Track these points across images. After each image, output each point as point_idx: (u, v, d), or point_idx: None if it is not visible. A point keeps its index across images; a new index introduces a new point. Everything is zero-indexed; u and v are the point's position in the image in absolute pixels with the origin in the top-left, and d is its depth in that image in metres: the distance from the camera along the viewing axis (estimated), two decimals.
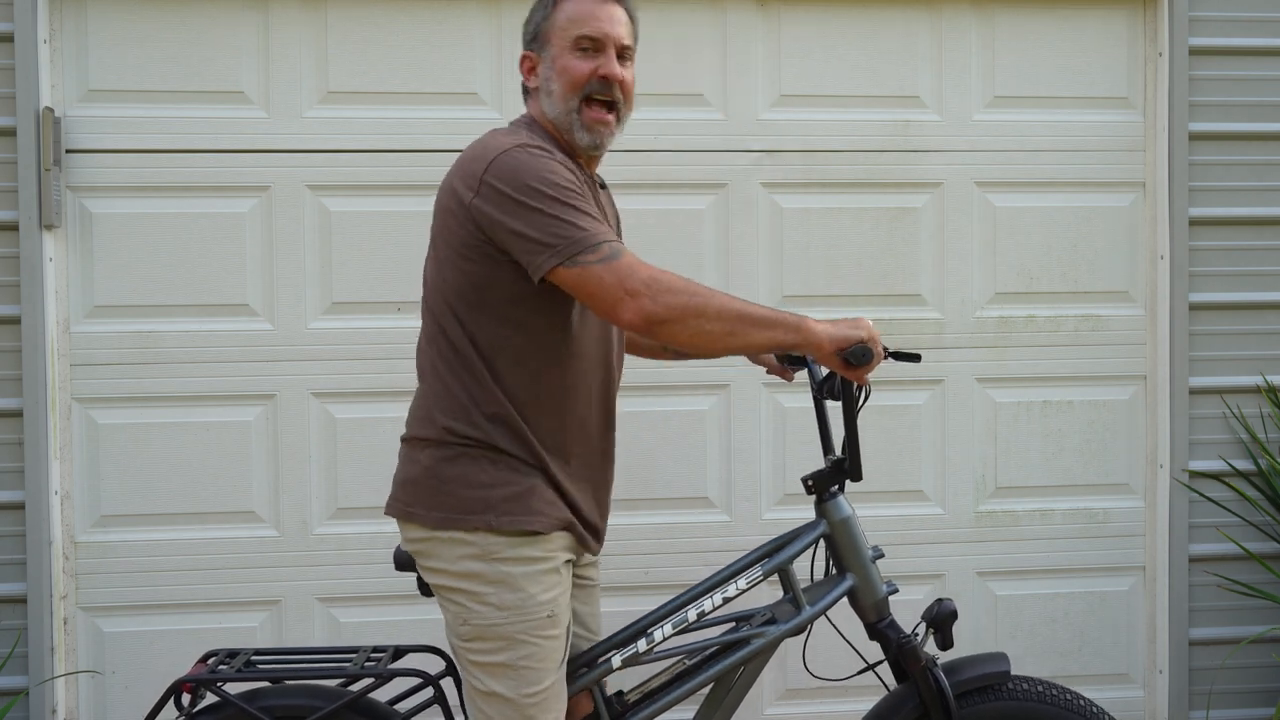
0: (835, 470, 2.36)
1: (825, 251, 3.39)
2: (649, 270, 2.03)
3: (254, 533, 3.24)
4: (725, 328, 2.05)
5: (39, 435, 3.10)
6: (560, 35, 2.18)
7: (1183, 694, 3.44)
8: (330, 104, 3.24)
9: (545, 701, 2.10)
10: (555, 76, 2.18)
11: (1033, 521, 3.47)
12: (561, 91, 2.18)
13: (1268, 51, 3.43)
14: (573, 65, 2.17)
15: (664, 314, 2.02)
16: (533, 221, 2.01)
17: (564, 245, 2.01)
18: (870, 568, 2.35)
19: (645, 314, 2.01)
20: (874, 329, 2.14)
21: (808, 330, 2.09)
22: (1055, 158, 3.44)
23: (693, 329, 2.04)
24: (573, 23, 2.18)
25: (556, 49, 2.19)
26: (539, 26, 2.22)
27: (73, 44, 3.17)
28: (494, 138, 2.14)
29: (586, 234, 2.02)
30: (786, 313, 2.11)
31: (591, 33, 2.17)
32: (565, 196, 2.03)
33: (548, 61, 2.20)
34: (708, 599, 2.33)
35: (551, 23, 2.20)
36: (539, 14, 2.23)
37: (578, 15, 2.18)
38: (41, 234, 3.11)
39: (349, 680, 2.42)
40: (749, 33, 3.36)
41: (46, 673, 3.11)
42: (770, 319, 2.08)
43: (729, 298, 2.08)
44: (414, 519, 2.14)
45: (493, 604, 2.09)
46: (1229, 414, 3.44)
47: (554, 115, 2.19)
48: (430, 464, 2.13)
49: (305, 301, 3.24)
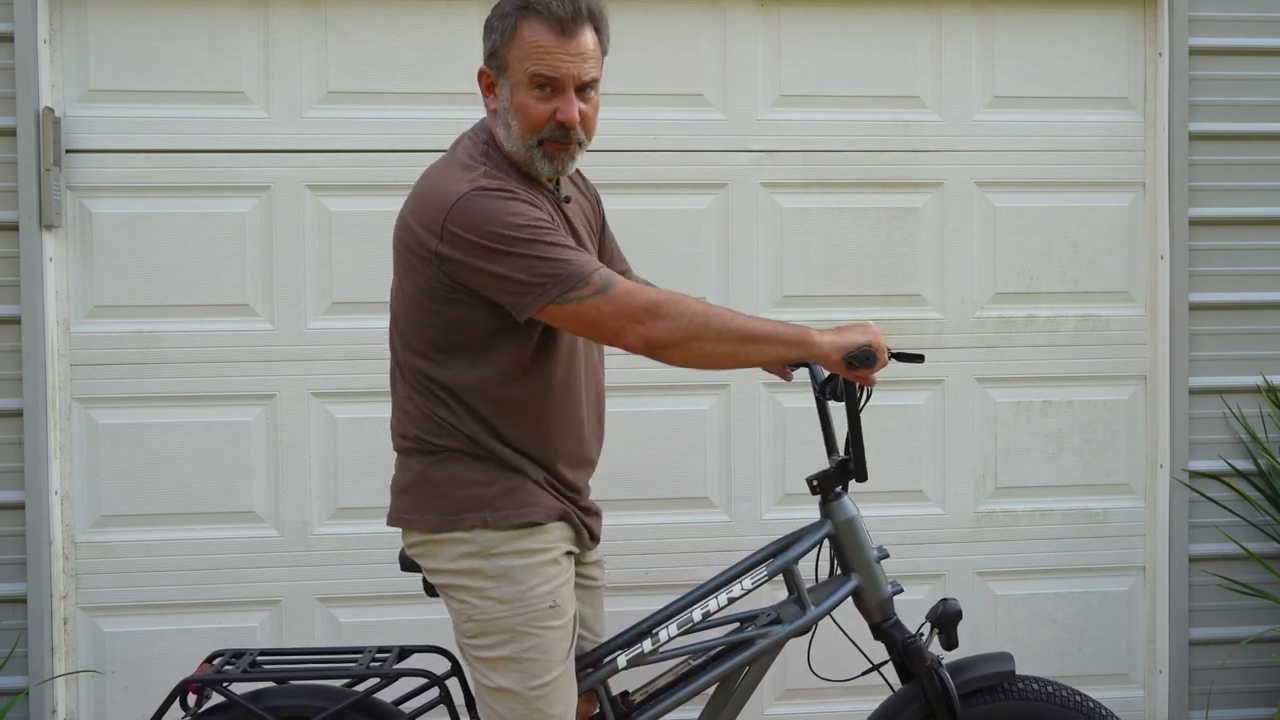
0: (840, 471, 2.36)
1: (825, 252, 3.39)
2: (646, 294, 2.02)
3: (254, 533, 3.24)
4: (729, 349, 2.05)
5: (39, 435, 3.09)
6: (518, 65, 2.05)
7: (1183, 694, 3.44)
8: (330, 104, 3.24)
9: (553, 694, 2.11)
10: (513, 112, 2.07)
11: (1032, 521, 3.47)
12: (520, 130, 2.08)
13: (1268, 51, 3.43)
14: (530, 106, 2.06)
15: (667, 339, 2.01)
16: (512, 265, 1.98)
17: (552, 284, 1.98)
18: (875, 568, 2.36)
19: (648, 340, 2.01)
20: (878, 333, 2.14)
21: (812, 343, 2.09)
22: (1055, 158, 3.44)
23: (695, 351, 2.03)
24: (530, 55, 2.04)
25: (514, 80, 2.07)
26: (496, 45, 2.08)
27: (73, 44, 3.17)
28: (448, 174, 2.07)
29: (573, 269, 1.99)
30: (790, 326, 2.10)
31: (548, 72, 2.04)
32: (538, 235, 1.99)
33: (505, 90, 2.08)
34: (713, 599, 2.34)
35: (510, 47, 2.06)
36: (498, 28, 2.08)
37: (536, 48, 2.04)
38: (41, 234, 3.11)
39: (354, 680, 2.42)
40: (749, 33, 3.36)
41: (46, 673, 3.11)
42: (773, 335, 2.08)
43: (731, 314, 2.07)
44: (412, 525, 2.16)
45: (494, 598, 2.09)
46: (1229, 414, 3.44)
47: (511, 149, 2.11)
48: (420, 469, 2.14)
49: (305, 301, 3.24)
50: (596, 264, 2.02)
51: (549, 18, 2.03)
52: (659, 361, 2.07)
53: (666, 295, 2.04)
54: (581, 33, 2.06)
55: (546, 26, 2.04)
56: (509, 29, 2.06)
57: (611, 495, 2.39)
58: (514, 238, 1.98)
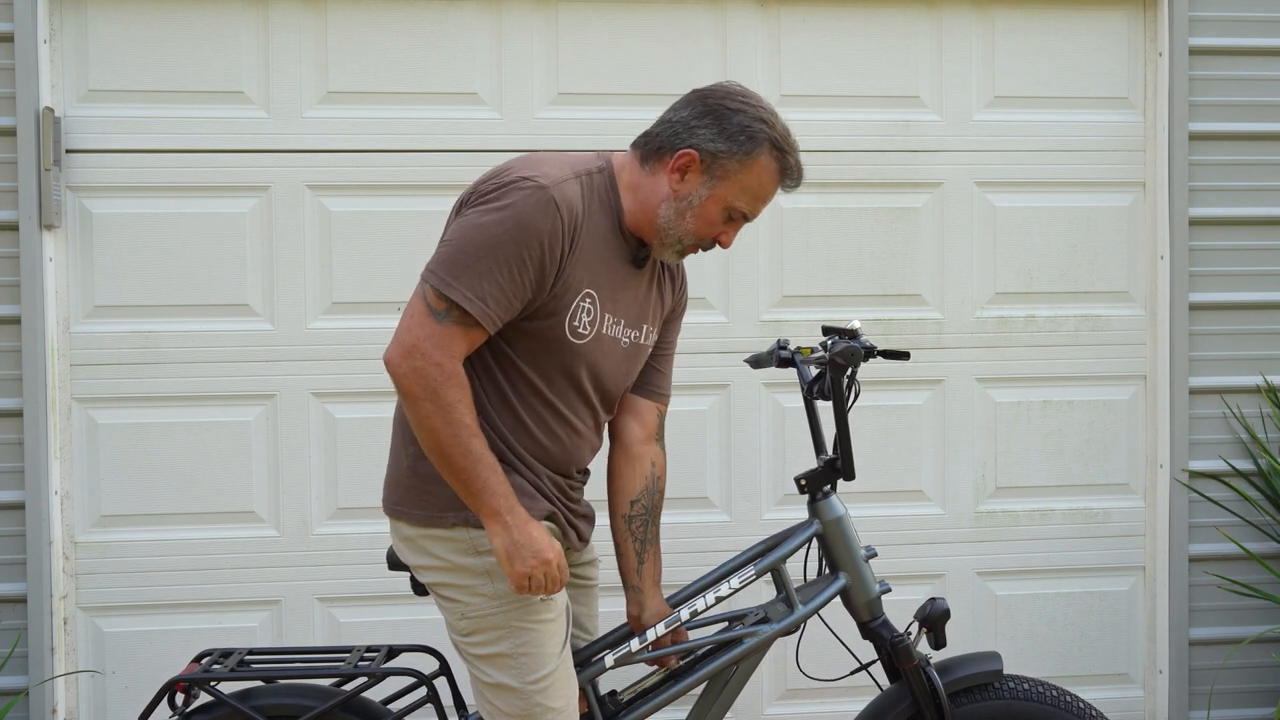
0: (827, 470, 2.36)
1: (825, 252, 3.39)
2: (444, 349, 1.97)
3: (254, 533, 3.24)
4: (445, 435, 1.98)
5: (39, 435, 3.09)
6: (733, 186, 2.09)
7: (1183, 694, 3.44)
8: (330, 104, 3.24)
9: (551, 688, 2.11)
10: (697, 210, 2.10)
11: (1032, 521, 3.47)
12: (690, 228, 2.11)
13: (1268, 51, 3.42)
14: (714, 221, 2.11)
15: (405, 374, 1.97)
16: (460, 235, 1.99)
17: (445, 275, 1.97)
18: (863, 567, 2.35)
19: (391, 362, 1.99)
20: (545, 560, 2.03)
21: (498, 527, 2.01)
22: (1055, 158, 3.44)
23: (418, 410, 1.98)
24: (748, 189, 2.10)
25: (720, 192, 2.09)
26: (726, 153, 2.07)
27: (73, 44, 3.17)
28: (531, 162, 2.07)
29: (455, 281, 1.96)
30: (505, 499, 2.01)
31: (749, 211, 2.13)
32: (498, 246, 1.97)
33: (703, 190, 2.09)
34: (701, 598, 2.34)
35: (738, 165, 2.08)
36: (738, 139, 2.07)
37: (756, 188, 2.10)
38: (41, 234, 3.11)
39: (342, 680, 2.42)
40: (749, 33, 3.36)
41: (46, 673, 3.11)
42: (482, 484, 2.00)
43: (478, 437, 2.00)
44: (401, 516, 2.17)
45: (484, 594, 2.10)
46: (1229, 414, 3.44)
47: (665, 226, 2.11)
48: (411, 462, 2.14)
49: (305, 301, 3.24)
50: (473, 310, 1.97)
51: (785, 173, 2.12)
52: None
53: (455, 377, 1.98)
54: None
55: (778, 179, 2.12)
56: (750, 152, 2.08)
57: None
58: (482, 231, 1.98)
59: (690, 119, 2.09)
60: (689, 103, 2.12)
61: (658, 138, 2.12)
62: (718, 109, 2.08)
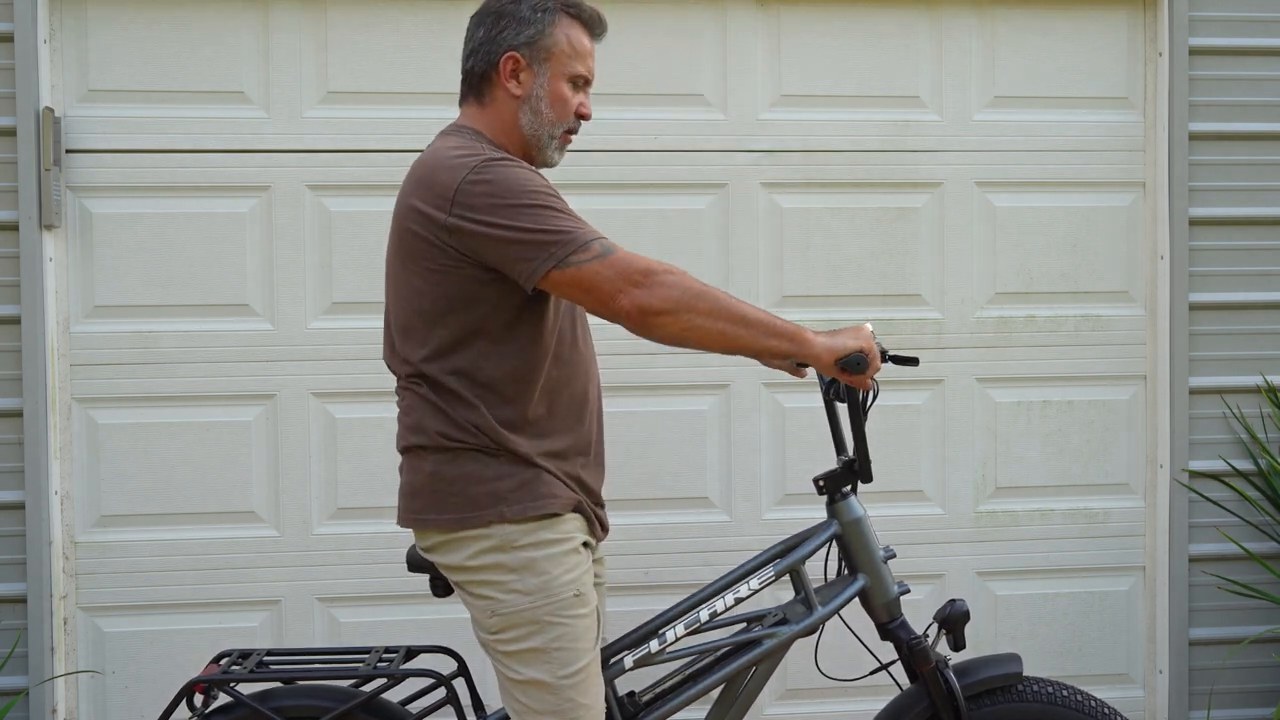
0: (846, 471, 2.37)
1: (825, 252, 3.39)
2: (645, 262, 2.04)
3: (254, 533, 3.24)
4: (719, 327, 2.05)
5: (39, 435, 3.09)
6: (560, 60, 2.19)
7: (1183, 694, 3.44)
8: (330, 104, 3.24)
9: (583, 683, 2.11)
10: (549, 100, 2.19)
11: (1032, 521, 3.47)
12: (551, 118, 2.20)
13: (1268, 51, 3.43)
14: (565, 94, 2.20)
15: (659, 305, 2.02)
16: (522, 224, 2.02)
17: (557, 246, 2.01)
18: (882, 568, 2.36)
19: (640, 305, 2.02)
20: (870, 338, 2.14)
21: (805, 342, 2.10)
22: (1055, 158, 3.44)
23: (685, 323, 2.04)
24: (573, 55, 2.19)
25: (553, 71, 2.19)
26: (535, 36, 2.17)
27: (73, 44, 3.17)
28: (450, 156, 2.11)
29: (575, 235, 2.03)
30: (787, 323, 2.10)
31: (585, 72, 2.22)
32: (548, 201, 2.05)
33: (541, 79, 2.19)
34: (720, 599, 2.34)
35: (552, 40, 2.18)
36: (534, 20, 2.18)
37: (578, 49, 2.20)
38: (41, 234, 3.11)
39: (361, 681, 2.42)
40: (749, 33, 3.36)
41: (46, 673, 3.11)
42: (767, 324, 2.08)
43: (728, 296, 2.08)
44: (428, 525, 2.15)
45: (518, 590, 2.09)
46: (1229, 414, 3.44)
47: (532, 131, 2.20)
48: (433, 469, 2.13)
49: (305, 301, 3.24)
50: (598, 234, 2.06)
51: (589, 24, 2.22)
52: (648, 335, 2.06)
53: (665, 265, 2.06)
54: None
55: (585, 31, 2.22)
56: (549, 23, 2.18)
57: (611, 495, 2.39)
58: (525, 203, 2.03)
59: (490, 33, 2.19)
60: (478, 24, 2.22)
61: (475, 71, 2.22)
62: (500, 8, 2.19)
